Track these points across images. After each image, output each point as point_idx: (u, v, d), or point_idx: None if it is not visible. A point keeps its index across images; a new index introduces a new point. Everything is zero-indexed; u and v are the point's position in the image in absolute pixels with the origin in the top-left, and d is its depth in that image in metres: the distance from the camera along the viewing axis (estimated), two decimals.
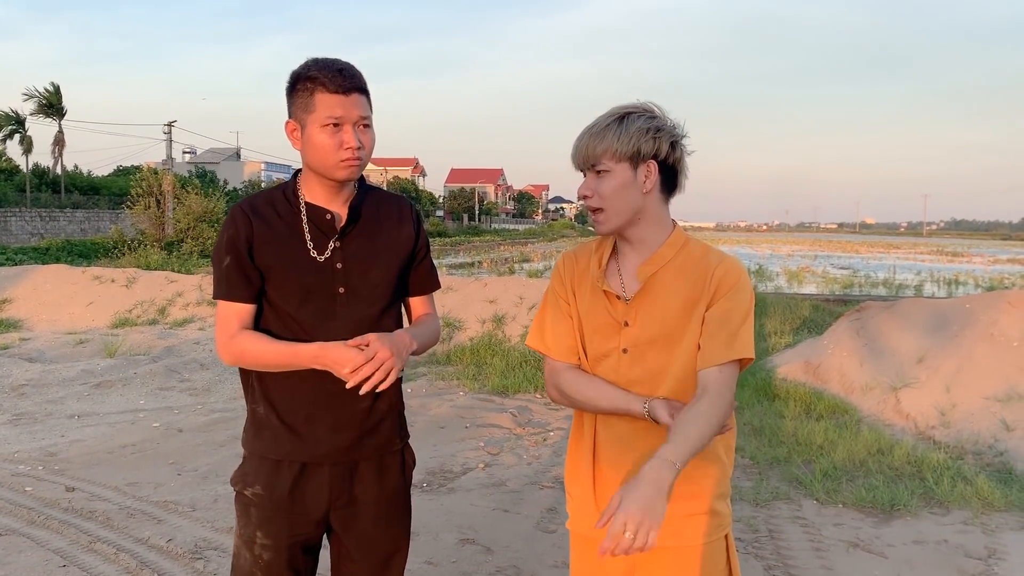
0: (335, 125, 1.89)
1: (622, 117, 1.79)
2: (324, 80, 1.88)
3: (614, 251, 1.91)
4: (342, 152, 1.90)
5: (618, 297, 1.85)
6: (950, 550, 4.06)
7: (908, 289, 21.39)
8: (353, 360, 1.85)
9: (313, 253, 1.99)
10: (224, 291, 2.00)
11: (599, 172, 1.81)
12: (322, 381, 1.96)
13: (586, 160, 1.82)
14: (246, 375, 2.06)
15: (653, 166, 1.79)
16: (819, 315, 12.33)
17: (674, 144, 1.81)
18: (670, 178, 1.84)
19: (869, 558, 3.97)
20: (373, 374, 1.87)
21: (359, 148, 1.91)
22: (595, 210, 1.83)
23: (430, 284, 2.22)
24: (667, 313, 1.81)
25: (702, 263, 1.83)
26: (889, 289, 21.28)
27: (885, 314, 7.68)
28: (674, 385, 1.80)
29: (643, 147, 1.77)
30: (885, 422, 6.31)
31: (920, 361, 6.73)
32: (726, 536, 1.88)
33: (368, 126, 1.95)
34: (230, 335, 1.98)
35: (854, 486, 4.93)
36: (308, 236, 1.99)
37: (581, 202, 1.87)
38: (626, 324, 1.84)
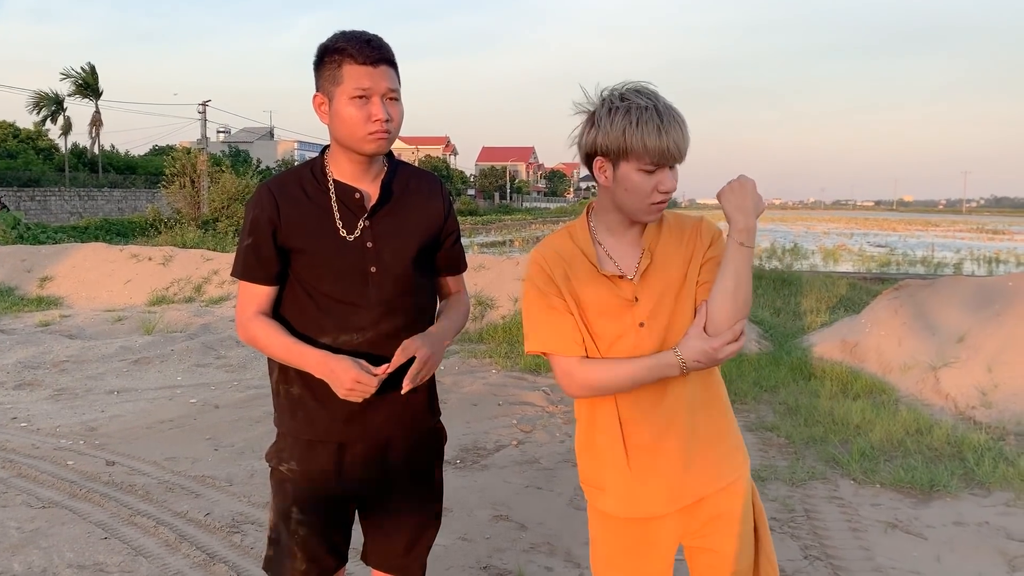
0: (363, 97, 1.86)
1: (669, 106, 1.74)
2: (352, 52, 1.85)
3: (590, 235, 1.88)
4: (370, 125, 1.87)
5: (621, 277, 1.82)
6: (991, 532, 3.98)
7: (947, 267, 20.96)
8: (351, 380, 1.85)
9: (343, 233, 1.96)
10: (240, 271, 2.00)
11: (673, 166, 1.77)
12: None
13: (682, 154, 1.74)
14: None
15: None
16: (856, 293, 12.14)
17: None
18: None
19: (908, 539, 3.91)
20: (422, 370, 1.93)
21: (387, 120, 1.88)
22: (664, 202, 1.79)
23: (460, 263, 2.21)
24: (670, 277, 1.83)
25: (683, 223, 1.89)
26: (928, 267, 20.86)
27: (924, 292, 7.53)
28: (680, 332, 1.80)
29: None
30: (924, 402, 6.21)
31: (960, 340, 6.60)
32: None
33: (396, 99, 1.92)
34: (247, 317, 1.99)
35: (892, 466, 4.85)
36: (337, 215, 1.96)
37: (664, 196, 1.76)
38: (636, 300, 1.82)
